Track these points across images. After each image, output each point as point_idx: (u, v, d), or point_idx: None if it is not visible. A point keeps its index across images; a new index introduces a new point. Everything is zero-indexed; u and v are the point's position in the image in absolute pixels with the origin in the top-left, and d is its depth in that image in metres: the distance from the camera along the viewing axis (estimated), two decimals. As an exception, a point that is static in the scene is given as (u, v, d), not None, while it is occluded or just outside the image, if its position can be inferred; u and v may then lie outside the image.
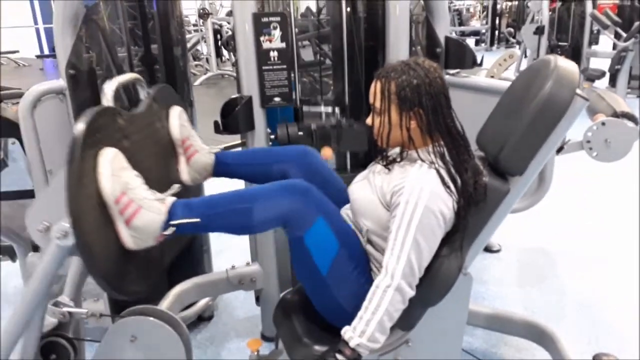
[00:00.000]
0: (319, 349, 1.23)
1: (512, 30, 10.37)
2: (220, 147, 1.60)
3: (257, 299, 1.98)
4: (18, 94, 2.20)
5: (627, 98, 5.77)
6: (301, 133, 1.87)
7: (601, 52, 6.49)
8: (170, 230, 1.13)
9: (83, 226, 1.01)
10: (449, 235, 1.20)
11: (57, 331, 1.26)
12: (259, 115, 1.70)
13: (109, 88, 1.31)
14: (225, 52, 9.46)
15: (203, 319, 2.16)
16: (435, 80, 1.17)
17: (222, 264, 1.86)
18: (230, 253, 2.58)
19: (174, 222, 1.13)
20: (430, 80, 1.16)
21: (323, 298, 1.26)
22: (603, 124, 1.62)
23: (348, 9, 1.89)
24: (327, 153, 1.75)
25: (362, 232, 1.25)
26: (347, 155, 1.94)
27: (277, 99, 1.70)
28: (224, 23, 8.91)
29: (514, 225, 2.42)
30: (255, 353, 1.57)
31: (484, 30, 11.77)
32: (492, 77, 2.71)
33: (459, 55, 1.82)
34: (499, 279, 2.44)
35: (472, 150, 1.24)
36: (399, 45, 1.71)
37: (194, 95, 2.13)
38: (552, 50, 6.12)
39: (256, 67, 1.65)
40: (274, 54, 1.66)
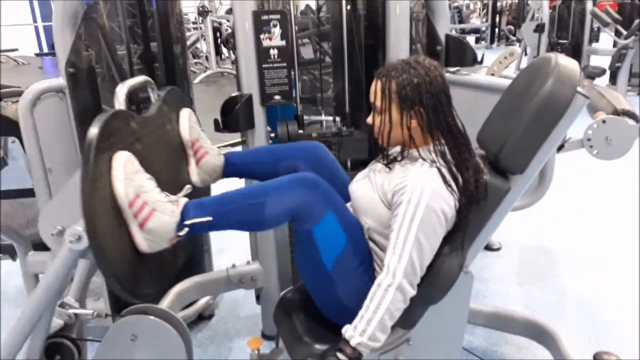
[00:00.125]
0: (320, 347, 1.23)
1: (512, 28, 10.34)
2: (219, 145, 1.59)
3: (258, 298, 1.98)
4: (17, 92, 2.20)
5: (628, 96, 5.77)
6: (301, 131, 1.87)
7: (601, 49, 6.47)
8: (184, 231, 1.13)
9: (97, 230, 1.01)
10: (450, 233, 1.20)
11: (62, 332, 1.27)
12: (259, 114, 1.70)
13: (121, 91, 1.31)
14: (224, 50, 9.44)
15: (203, 317, 2.16)
16: (435, 79, 1.16)
17: (223, 263, 1.86)
18: (230, 252, 2.58)
19: (187, 223, 1.13)
20: (431, 78, 1.16)
21: (325, 294, 1.26)
22: (604, 121, 1.62)
23: (348, 7, 1.89)
24: None
25: (363, 230, 1.25)
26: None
27: (277, 97, 1.69)
28: (224, 21, 8.89)
29: (515, 223, 2.43)
30: (256, 352, 1.57)
31: (484, 28, 11.74)
32: (493, 74, 2.70)
33: (460, 53, 1.81)
34: (499, 277, 2.44)
35: (473, 149, 1.24)
36: (399, 43, 1.71)
37: (194, 93, 2.13)
38: (553, 48, 6.12)
39: (256, 65, 1.65)
40: (274, 52, 1.65)
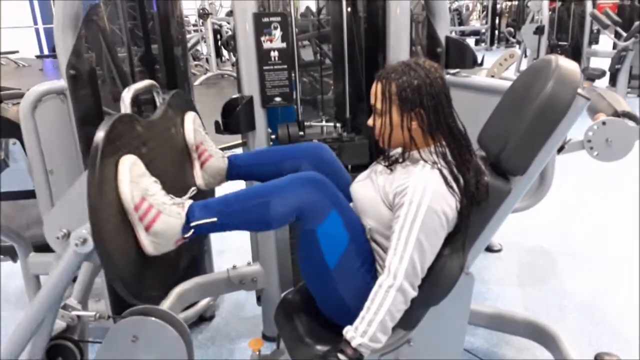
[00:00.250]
0: (321, 348, 1.23)
1: (512, 30, 10.35)
2: (220, 147, 1.60)
3: (259, 299, 1.98)
4: (18, 94, 2.20)
5: (627, 97, 5.77)
6: (302, 133, 1.87)
7: (601, 51, 6.48)
8: (190, 232, 1.13)
9: (103, 233, 1.02)
10: (451, 235, 1.20)
11: (64, 334, 1.27)
12: (259, 115, 1.70)
13: (128, 95, 1.31)
14: (225, 52, 9.45)
15: (204, 319, 2.16)
16: (436, 81, 1.17)
17: (223, 264, 1.86)
18: (231, 253, 2.58)
19: (192, 224, 1.13)
20: (431, 80, 1.16)
21: (327, 293, 1.26)
22: (604, 123, 1.62)
23: (348, 9, 1.89)
24: None
25: (365, 230, 1.25)
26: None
27: (277, 99, 1.70)
28: (224, 23, 8.91)
29: (515, 225, 2.42)
30: (257, 353, 1.57)
31: (483, 30, 11.77)
32: (493, 76, 2.70)
33: (460, 55, 1.82)
34: (500, 278, 2.44)
35: (474, 150, 1.24)
36: (399, 45, 1.71)
37: (194, 95, 2.13)
38: (552, 50, 6.12)
39: (257, 67, 1.65)
40: (274, 54, 1.66)
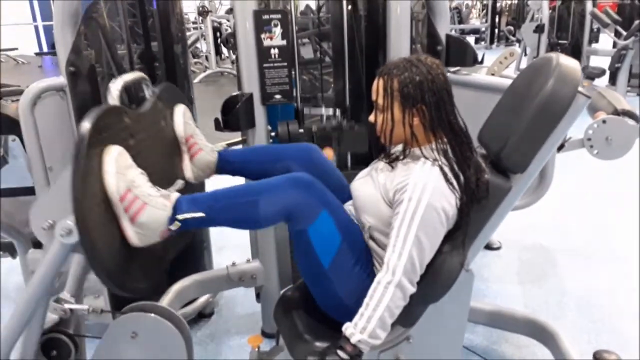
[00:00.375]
0: (320, 345, 1.23)
1: (511, 28, 10.34)
2: (222, 144, 1.60)
3: (258, 296, 1.98)
4: (18, 91, 2.20)
5: (627, 96, 5.77)
6: (302, 130, 1.87)
7: (601, 50, 6.48)
8: (176, 225, 1.13)
9: (88, 224, 1.02)
10: (451, 232, 1.20)
11: (58, 327, 1.27)
12: (259, 113, 1.70)
13: (115, 87, 1.31)
14: (224, 49, 9.45)
15: (203, 315, 2.16)
16: (437, 77, 1.17)
17: (223, 261, 1.86)
18: (230, 250, 2.58)
19: (179, 217, 1.13)
20: (433, 76, 1.16)
21: (325, 292, 1.26)
22: (604, 121, 1.62)
23: (349, 7, 1.89)
24: (328, 154, 1.75)
25: (364, 228, 1.25)
26: (347, 153, 1.93)
27: (277, 97, 1.70)
28: (224, 21, 8.90)
29: (515, 222, 2.42)
30: (256, 350, 1.57)
31: (483, 29, 11.76)
32: (493, 75, 2.70)
33: (460, 53, 1.81)
34: (499, 276, 2.44)
35: (474, 147, 1.24)
36: (400, 43, 1.71)
37: (194, 92, 2.13)
38: (552, 49, 6.12)
39: (257, 64, 1.65)
40: (274, 52, 1.65)
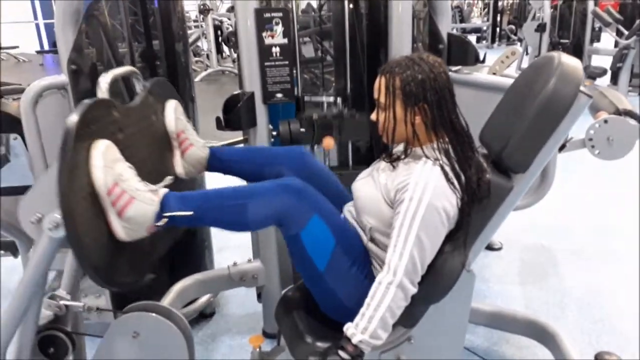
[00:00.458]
0: (321, 345, 1.23)
1: (513, 27, 10.33)
2: (221, 143, 1.59)
3: (259, 296, 1.98)
4: (19, 89, 2.19)
5: (629, 96, 5.76)
6: (303, 130, 1.87)
7: (603, 49, 6.47)
8: (163, 221, 1.13)
9: (74, 217, 1.01)
10: (452, 232, 1.20)
11: (55, 325, 1.26)
12: (261, 112, 1.70)
13: (104, 80, 1.30)
14: (225, 48, 9.44)
15: (204, 315, 2.16)
16: (440, 75, 1.16)
17: (224, 261, 1.86)
18: (231, 250, 2.58)
19: (167, 214, 1.13)
20: (435, 75, 1.16)
21: (323, 294, 1.27)
22: (605, 121, 1.62)
23: (350, 5, 1.89)
24: (329, 143, 1.73)
25: (365, 229, 1.25)
26: (349, 152, 1.93)
27: (279, 95, 1.69)
28: (225, 19, 8.89)
29: (516, 223, 2.42)
30: (257, 350, 1.57)
31: (485, 28, 11.73)
32: (494, 74, 2.70)
33: (462, 52, 1.81)
34: (500, 277, 2.44)
35: (476, 147, 1.24)
36: (401, 42, 1.70)
37: (195, 91, 2.13)
38: (554, 48, 6.10)
39: (258, 63, 1.65)
40: (276, 50, 1.65)
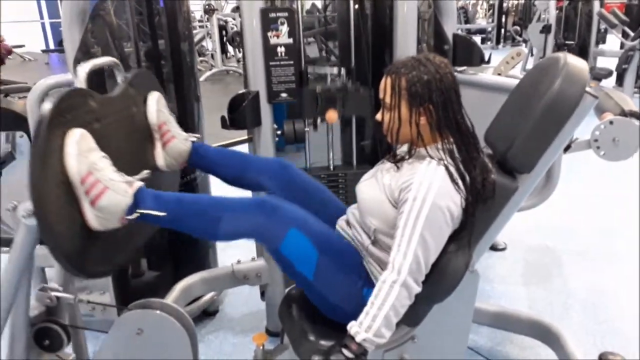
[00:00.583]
0: (325, 343, 1.23)
1: (518, 28, 10.31)
2: (226, 143, 1.59)
3: (262, 294, 1.98)
4: (25, 88, 2.22)
5: (635, 97, 5.74)
6: (307, 130, 1.87)
7: (608, 51, 6.45)
8: (134, 216, 1.14)
9: (45, 205, 1.01)
10: (456, 232, 1.19)
11: (50, 317, 1.25)
12: (265, 111, 1.71)
13: (82, 70, 1.28)
14: (230, 48, 9.46)
15: (208, 313, 2.16)
16: (446, 76, 1.16)
17: (228, 259, 1.87)
18: (235, 248, 2.57)
19: (140, 211, 1.14)
20: (441, 76, 1.16)
21: (319, 300, 1.28)
22: (611, 122, 1.62)
23: (356, 6, 1.89)
24: (332, 116, 1.73)
25: (369, 231, 1.25)
26: (353, 152, 1.93)
27: (283, 95, 1.70)
28: (229, 19, 8.91)
29: (520, 223, 2.42)
30: (261, 348, 1.58)
31: (490, 29, 11.72)
32: (499, 74, 2.70)
33: (467, 53, 1.81)
34: (504, 277, 2.44)
35: (481, 147, 1.24)
36: (406, 43, 1.70)
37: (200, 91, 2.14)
38: (559, 49, 6.09)
39: (263, 62, 1.65)
40: (281, 50, 1.66)
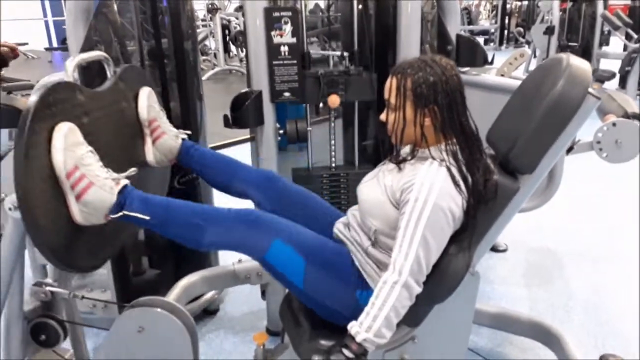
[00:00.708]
0: (325, 343, 1.23)
1: (521, 29, 10.28)
2: (228, 142, 1.59)
3: (263, 294, 1.98)
4: (28, 85, 2.22)
5: (637, 100, 5.72)
6: (310, 129, 1.87)
7: (612, 53, 6.43)
8: (119, 214, 1.14)
9: (30, 198, 1.01)
10: (457, 233, 1.19)
11: (46, 312, 1.26)
12: (268, 110, 1.71)
13: (71, 64, 1.27)
14: (233, 47, 9.47)
15: (208, 312, 2.17)
16: (452, 78, 1.16)
17: (229, 258, 1.86)
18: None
19: (125, 212, 1.15)
20: (447, 77, 1.16)
21: (313, 305, 1.29)
22: (614, 124, 1.62)
23: (359, 6, 1.88)
24: (334, 101, 1.73)
25: (369, 232, 1.25)
26: (355, 152, 1.93)
27: (286, 94, 1.70)
28: (232, 18, 8.91)
29: (521, 225, 2.41)
30: (261, 347, 1.58)
31: (493, 30, 11.70)
32: (502, 75, 2.70)
33: (471, 53, 1.81)
34: (505, 278, 2.44)
35: (484, 150, 1.24)
36: (410, 43, 1.70)
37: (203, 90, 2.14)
38: (562, 51, 6.08)
39: (266, 61, 1.66)
40: (284, 49, 1.66)
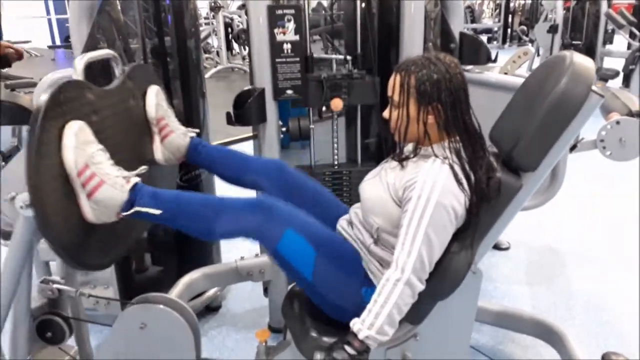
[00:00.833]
0: (327, 340, 1.24)
1: (524, 28, 10.27)
2: (231, 140, 1.59)
3: (265, 291, 1.99)
4: (31, 83, 2.22)
5: (641, 98, 5.71)
6: (312, 127, 1.87)
7: (615, 51, 6.41)
8: (130, 211, 1.14)
9: (42, 196, 1.01)
10: (459, 231, 1.19)
11: (52, 309, 1.26)
12: (271, 108, 1.71)
13: (80, 62, 1.28)
14: (235, 45, 9.47)
15: (211, 309, 2.17)
16: (455, 76, 1.16)
17: (231, 255, 1.87)
18: (239, 244, 2.58)
19: (136, 208, 1.15)
20: (451, 75, 1.16)
21: (319, 300, 1.29)
22: (618, 123, 1.61)
23: (362, 4, 1.88)
24: (337, 105, 1.72)
25: (372, 230, 1.25)
26: (357, 149, 1.93)
27: (289, 92, 1.70)
28: (235, 17, 8.91)
29: (524, 223, 2.42)
30: (264, 344, 1.58)
31: (496, 28, 11.67)
32: (506, 73, 2.69)
33: (474, 51, 1.81)
34: (507, 277, 2.44)
35: (487, 148, 1.24)
36: (413, 41, 1.70)
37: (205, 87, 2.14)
38: (566, 49, 6.04)
39: (269, 59, 1.66)
40: (287, 47, 1.66)
